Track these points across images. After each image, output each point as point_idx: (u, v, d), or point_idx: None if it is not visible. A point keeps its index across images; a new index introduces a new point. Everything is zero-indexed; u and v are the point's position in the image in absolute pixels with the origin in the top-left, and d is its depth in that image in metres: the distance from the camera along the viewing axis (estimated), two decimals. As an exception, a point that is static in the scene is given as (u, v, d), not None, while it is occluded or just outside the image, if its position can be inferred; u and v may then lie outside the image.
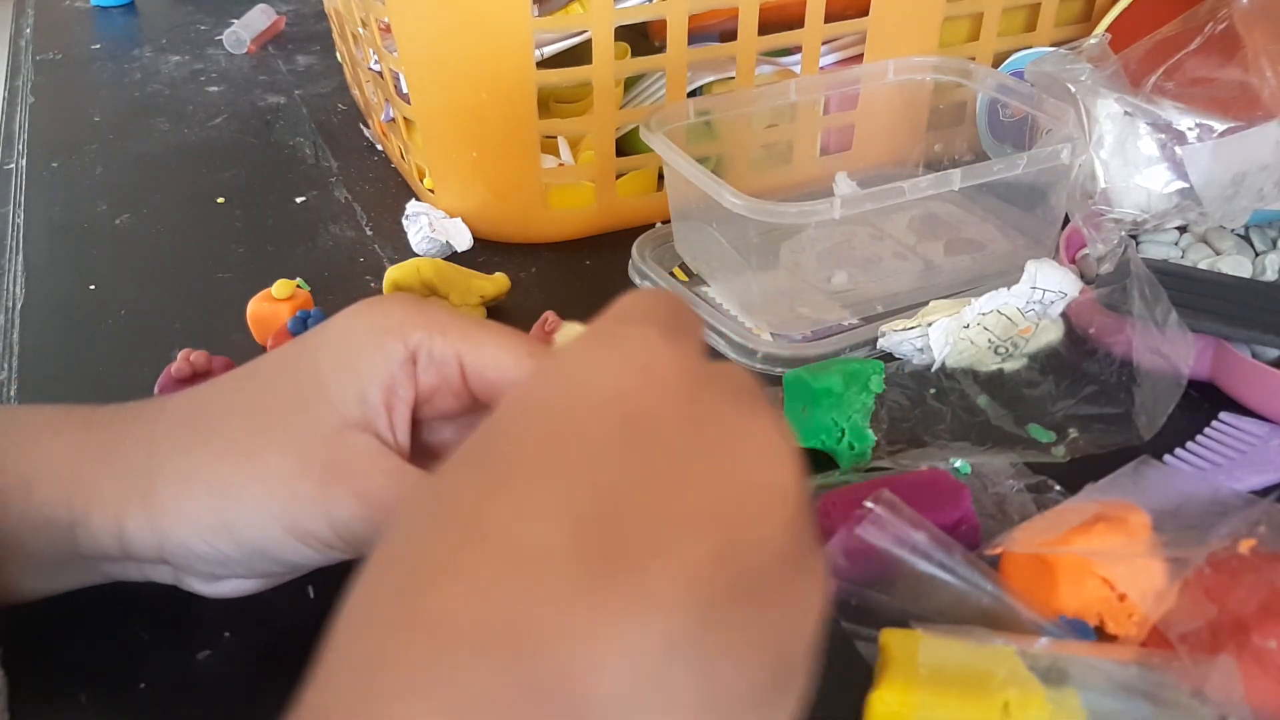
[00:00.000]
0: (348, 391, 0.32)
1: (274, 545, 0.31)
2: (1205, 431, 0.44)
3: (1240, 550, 0.35)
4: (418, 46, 0.55)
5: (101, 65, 0.88)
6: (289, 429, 0.31)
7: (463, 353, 0.32)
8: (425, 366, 0.32)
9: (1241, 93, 0.50)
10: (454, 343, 0.32)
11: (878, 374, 0.44)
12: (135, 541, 0.33)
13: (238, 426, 0.32)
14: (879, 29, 0.60)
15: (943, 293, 0.51)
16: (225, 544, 0.32)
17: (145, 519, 0.32)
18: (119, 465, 0.33)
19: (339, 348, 0.32)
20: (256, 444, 0.31)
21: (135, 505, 0.32)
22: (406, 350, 0.32)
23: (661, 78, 0.59)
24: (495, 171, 0.58)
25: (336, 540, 0.31)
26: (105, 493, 0.33)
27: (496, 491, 0.21)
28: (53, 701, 0.34)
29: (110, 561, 0.34)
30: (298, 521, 0.31)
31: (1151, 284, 0.44)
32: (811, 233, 0.56)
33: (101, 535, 0.33)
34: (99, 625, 0.36)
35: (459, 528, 0.21)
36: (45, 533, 0.33)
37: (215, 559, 0.32)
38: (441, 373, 0.32)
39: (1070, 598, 0.35)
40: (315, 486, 0.31)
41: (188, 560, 0.33)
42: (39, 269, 0.59)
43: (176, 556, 0.33)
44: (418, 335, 0.32)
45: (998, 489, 0.41)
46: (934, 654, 0.32)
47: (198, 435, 0.32)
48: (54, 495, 0.33)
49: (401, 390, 0.32)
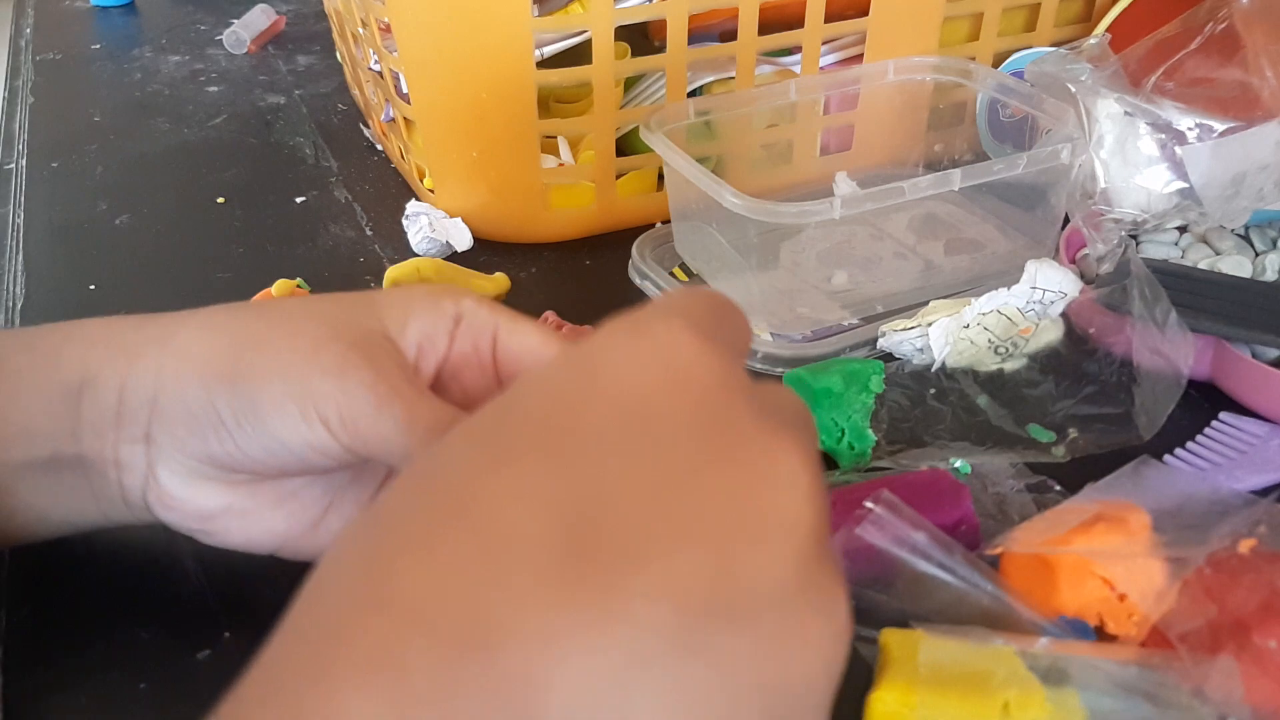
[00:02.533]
0: (394, 317, 0.33)
1: (271, 405, 0.31)
2: (1205, 431, 0.44)
3: (1240, 550, 0.35)
4: (418, 46, 0.55)
5: (101, 65, 0.88)
6: (330, 313, 0.33)
7: (500, 325, 0.34)
8: (464, 332, 0.34)
9: (1242, 93, 0.50)
10: (496, 315, 0.34)
11: (878, 374, 0.44)
12: (133, 391, 0.32)
13: (282, 306, 0.34)
14: (879, 29, 0.60)
15: (943, 293, 0.51)
16: (222, 393, 0.31)
17: (154, 362, 0.32)
18: (148, 323, 0.34)
19: (403, 296, 0.34)
20: (295, 315, 0.33)
21: (151, 349, 0.33)
22: (455, 310, 0.34)
23: (661, 78, 0.59)
24: (495, 171, 0.58)
25: (335, 415, 0.31)
26: (125, 341, 0.33)
27: (488, 469, 0.20)
28: (52, 701, 0.34)
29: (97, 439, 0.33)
30: (307, 378, 0.31)
31: (1151, 284, 0.44)
32: (811, 233, 0.56)
33: (106, 387, 0.32)
34: (99, 625, 0.36)
35: (443, 502, 0.20)
36: (54, 405, 0.33)
37: (204, 414, 0.31)
38: (476, 342, 0.34)
39: (1070, 598, 0.35)
40: (337, 349, 0.31)
41: (173, 418, 0.32)
42: (39, 269, 0.59)
43: (164, 410, 0.32)
44: (468, 303, 0.34)
45: (998, 489, 0.41)
46: (934, 654, 0.32)
47: (238, 308, 0.34)
48: (75, 356, 0.33)
49: (439, 341, 0.33)
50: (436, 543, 0.19)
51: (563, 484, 0.20)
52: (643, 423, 0.21)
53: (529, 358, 0.34)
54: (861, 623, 0.36)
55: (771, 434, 0.21)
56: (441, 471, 0.21)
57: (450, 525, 0.19)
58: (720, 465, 0.20)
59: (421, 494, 0.21)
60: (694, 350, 0.22)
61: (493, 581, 0.19)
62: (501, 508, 0.19)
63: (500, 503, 0.20)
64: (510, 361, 0.34)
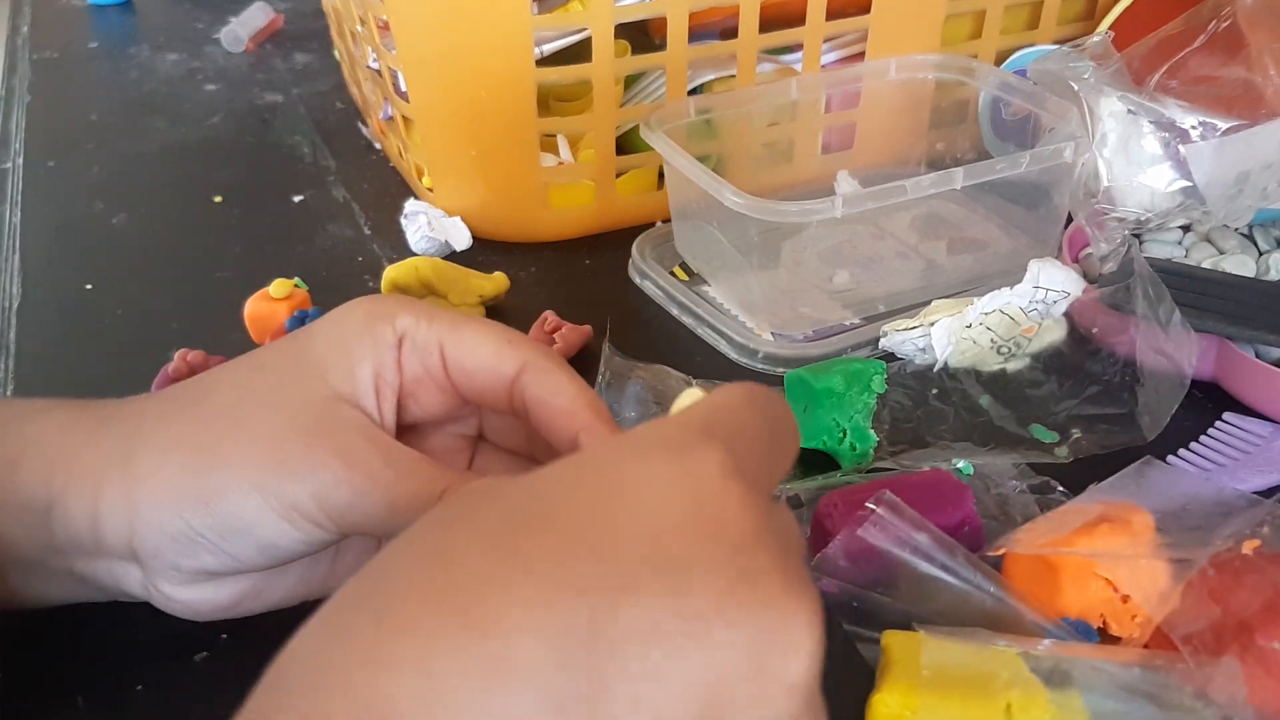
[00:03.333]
0: (339, 368, 0.32)
1: (251, 518, 0.30)
2: (1209, 432, 0.44)
3: (1244, 551, 0.34)
4: (416, 44, 0.55)
5: (98, 64, 0.88)
6: (278, 394, 0.32)
7: (444, 340, 0.33)
8: (409, 353, 0.33)
9: (1245, 91, 0.50)
10: (437, 330, 0.33)
11: (879, 374, 0.44)
12: (107, 521, 0.32)
13: (227, 395, 0.32)
14: (881, 26, 0.60)
15: (945, 292, 0.51)
16: (199, 517, 0.31)
17: (121, 490, 0.31)
18: (104, 439, 0.33)
19: (333, 331, 0.33)
20: (245, 408, 0.32)
21: (114, 474, 0.32)
22: (395, 334, 0.33)
23: (662, 76, 0.59)
24: (494, 170, 0.58)
25: (318, 511, 0.30)
26: (85, 464, 0.32)
27: (500, 576, 0.20)
28: (50, 704, 0.34)
29: (83, 557, 0.33)
30: (280, 487, 0.30)
31: (1155, 283, 0.44)
32: (813, 232, 0.56)
33: (77, 515, 0.32)
34: (96, 628, 0.36)
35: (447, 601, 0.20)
36: (23, 518, 0.32)
37: (186, 539, 0.31)
38: (424, 361, 0.33)
39: (1073, 599, 0.35)
40: (300, 446, 0.30)
41: (157, 545, 0.31)
42: (35, 268, 0.59)
43: (146, 540, 0.31)
44: (405, 320, 0.33)
45: (1000, 490, 0.41)
46: (936, 656, 0.32)
47: (186, 406, 0.33)
48: (36, 474, 0.32)
49: (389, 375, 0.32)
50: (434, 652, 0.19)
51: (571, 610, 0.20)
52: (667, 563, 0.21)
53: (480, 367, 0.33)
54: (863, 625, 0.35)
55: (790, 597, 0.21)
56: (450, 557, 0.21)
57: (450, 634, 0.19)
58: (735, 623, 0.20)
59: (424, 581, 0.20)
60: (730, 493, 0.22)
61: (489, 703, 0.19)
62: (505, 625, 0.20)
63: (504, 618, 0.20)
64: (464, 377, 0.33)
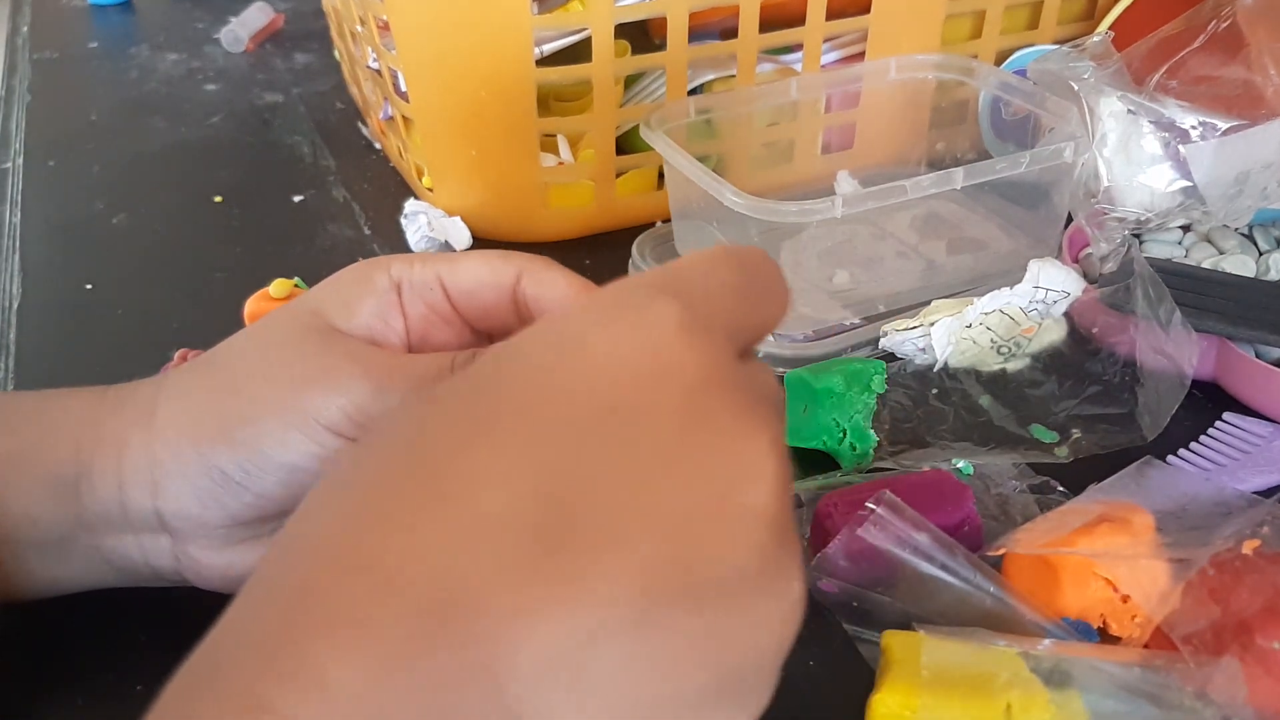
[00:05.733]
0: (340, 313, 0.33)
1: (270, 437, 0.31)
2: (1209, 432, 0.44)
3: (1244, 551, 0.34)
4: (416, 44, 0.55)
5: (98, 64, 0.88)
6: (287, 337, 0.33)
7: (442, 273, 0.34)
8: (410, 295, 0.34)
9: (1245, 91, 0.50)
10: (432, 266, 0.34)
11: (879, 374, 0.44)
12: (131, 481, 0.32)
13: (240, 346, 0.34)
14: (881, 27, 0.60)
15: (945, 292, 0.51)
16: (217, 448, 0.31)
17: (143, 445, 0.32)
18: (126, 407, 0.33)
19: (330, 285, 0.34)
20: (257, 353, 0.33)
21: (136, 433, 0.32)
22: (390, 280, 0.33)
23: (662, 76, 0.59)
24: (494, 170, 0.58)
25: (337, 415, 0.31)
26: (110, 431, 0.33)
27: (467, 446, 0.21)
28: (49, 704, 0.34)
29: (112, 532, 0.33)
30: (295, 397, 0.31)
31: (1155, 283, 0.44)
32: (813, 232, 0.56)
33: (103, 482, 0.32)
34: (96, 628, 0.36)
35: (422, 476, 0.21)
36: (52, 496, 0.32)
37: (207, 480, 0.31)
38: (427, 299, 0.34)
39: (1073, 599, 0.35)
40: (313, 361, 0.31)
41: (179, 495, 0.32)
42: (35, 268, 0.59)
43: (168, 492, 0.32)
44: (399, 266, 0.34)
45: (1000, 489, 0.41)
46: (936, 656, 0.32)
47: (203, 365, 0.34)
48: (63, 449, 0.33)
49: (392, 319, 0.33)
50: (415, 517, 0.20)
51: (539, 468, 0.20)
52: (623, 413, 0.21)
53: (483, 288, 0.33)
54: (863, 624, 0.35)
55: (746, 429, 0.22)
56: (420, 441, 0.21)
57: (429, 503, 0.20)
58: (692, 459, 0.21)
59: (397, 465, 0.21)
60: (684, 341, 0.22)
61: (468, 557, 0.19)
62: (479, 488, 0.20)
63: (478, 482, 0.20)
64: (469, 303, 0.34)
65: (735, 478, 0.21)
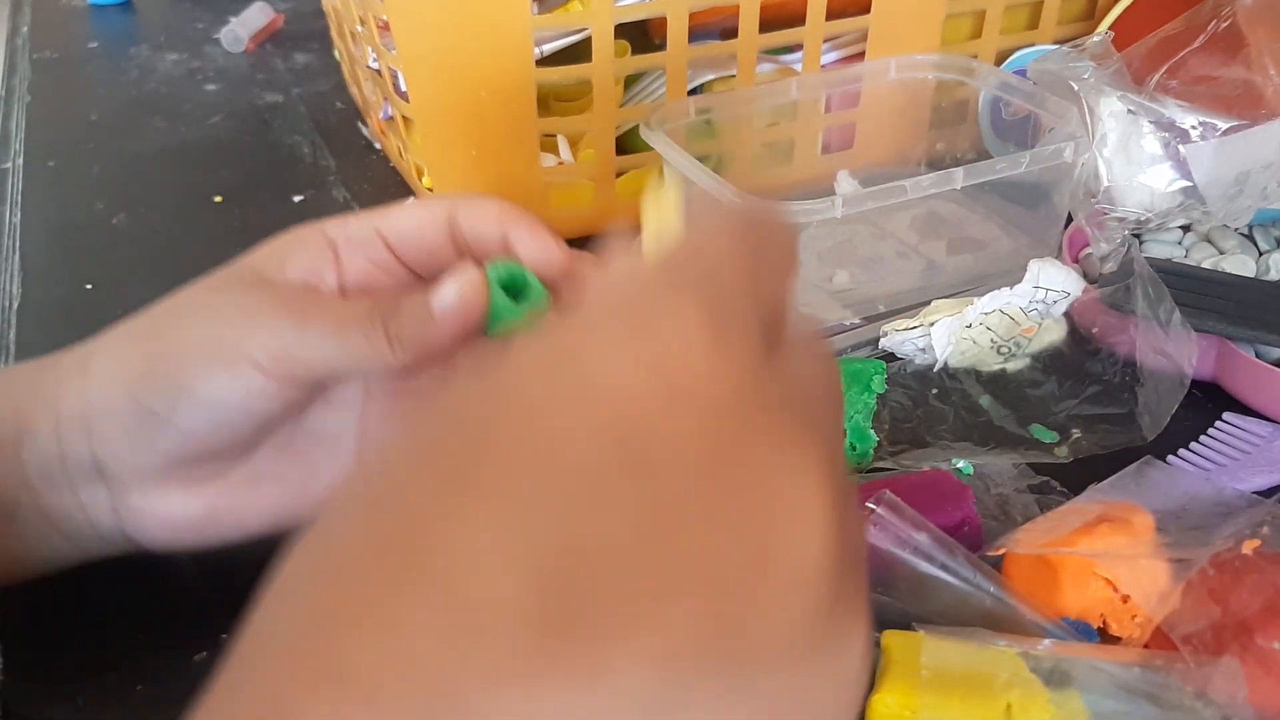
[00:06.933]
0: (270, 264, 0.34)
1: (196, 373, 0.31)
2: (1209, 432, 0.44)
3: (1244, 551, 0.34)
4: (416, 44, 0.55)
5: (98, 64, 0.88)
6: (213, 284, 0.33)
7: (378, 225, 0.34)
8: (348, 251, 0.34)
9: (1245, 91, 0.50)
10: (368, 219, 0.34)
11: (879, 374, 0.44)
12: (67, 429, 0.32)
13: (174, 301, 0.34)
14: (881, 26, 0.60)
15: (945, 292, 0.51)
16: (145, 386, 0.32)
17: (77, 393, 0.32)
18: (64, 363, 0.34)
19: (266, 248, 0.34)
20: (189, 303, 0.34)
21: (72, 383, 0.33)
22: (325, 238, 0.34)
23: (662, 76, 0.59)
24: (494, 170, 0.57)
25: (268, 361, 0.31)
26: (48, 385, 0.33)
27: (451, 513, 0.17)
28: (49, 704, 0.34)
29: (54, 489, 0.33)
30: (219, 334, 0.31)
31: (1155, 283, 0.44)
32: (813, 232, 0.56)
33: (42, 434, 0.33)
34: (95, 627, 0.36)
35: (402, 550, 0.17)
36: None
37: (136, 420, 0.32)
38: (368, 253, 0.34)
39: (1073, 599, 0.35)
40: (239, 304, 0.32)
41: (110, 438, 0.32)
42: (35, 268, 0.59)
43: (101, 435, 0.32)
44: (334, 225, 0.34)
45: (1000, 490, 0.41)
46: (936, 656, 0.32)
47: (138, 316, 0.34)
48: (6, 412, 0.33)
49: (325, 274, 0.34)
50: (394, 607, 0.16)
51: (538, 533, 0.17)
52: (635, 454, 0.17)
53: (422, 231, 0.34)
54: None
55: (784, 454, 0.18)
56: (399, 505, 0.18)
57: (409, 586, 0.17)
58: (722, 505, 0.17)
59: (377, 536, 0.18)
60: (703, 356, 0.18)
61: (459, 655, 0.16)
62: (467, 565, 0.17)
63: (466, 558, 0.17)
64: (408, 247, 0.34)
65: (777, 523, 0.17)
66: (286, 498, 0.35)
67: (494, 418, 0.18)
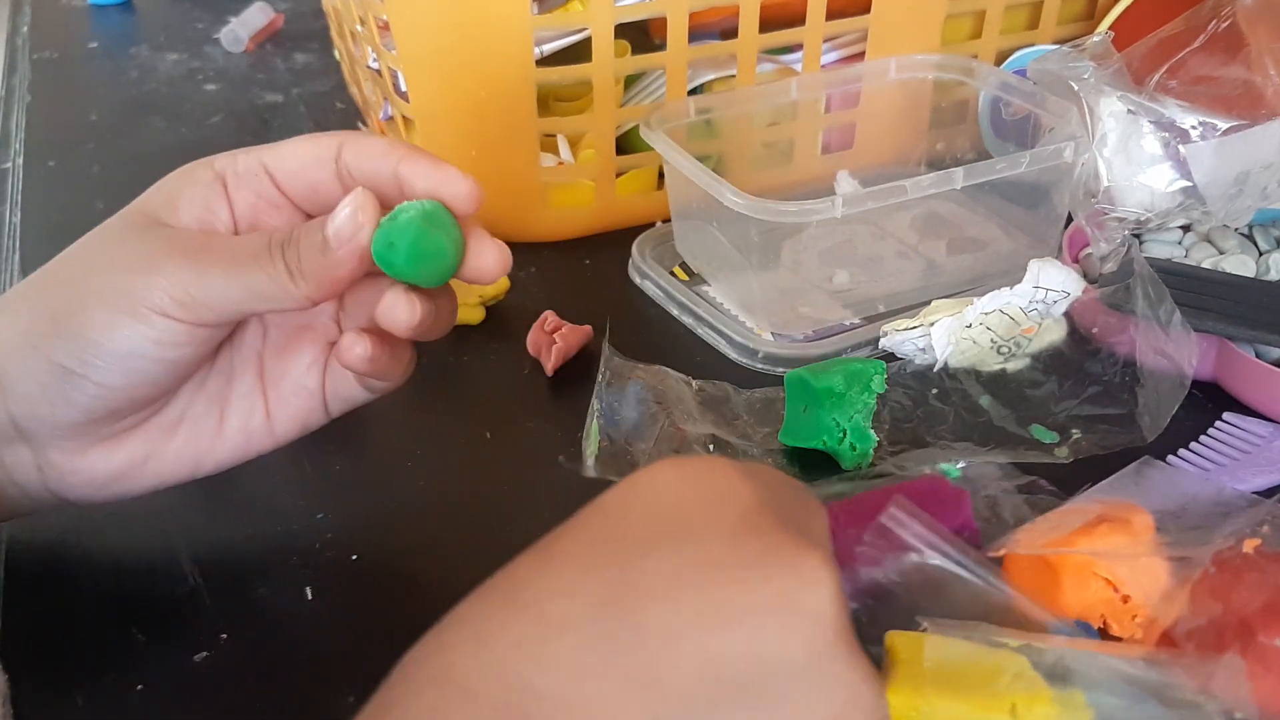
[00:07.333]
0: (164, 207, 0.34)
1: (100, 322, 0.31)
2: (1209, 432, 0.44)
3: (1245, 550, 0.34)
4: (416, 44, 0.55)
5: (98, 64, 0.88)
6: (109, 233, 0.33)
7: (265, 159, 0.35)
8: (236, 185, 0.34)
9: (1245, 91, 0.50)
10: (255, 154, 0.35)
11: (879, 374, 0.44)
12: None
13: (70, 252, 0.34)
14: (881, 26, 0.60)
15: (945, 292, 0.51)
16: (52, 342, 0.32)
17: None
18: None
19: (156, 189, 0.35)
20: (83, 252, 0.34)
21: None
22: (213, 173, 0.34)
23: (662, 76, 0.59)
24: (494, 170, 0.57)
25: (174, 307, 0.31)
26: None
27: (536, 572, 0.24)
28: (50, 703, 0.34)
29: None
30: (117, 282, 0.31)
31: (1155, 283, 0.44)
32: (813, 232, 0.56)
33: None
34: (96, 627, 0.36)
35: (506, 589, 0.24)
36: None
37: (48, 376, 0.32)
38: (254, 187, 0.34)
39: (1074, 599, 0.35)
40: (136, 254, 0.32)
41: (28, 398, 0.32)
42: (35, 268, 0.58)
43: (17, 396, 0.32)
44: (222, 160, 0.35)
45: (988, 491, 0.41)
46: (940, 656, 0.32)
47: (38, 272, 0.34)
48: None
49: (218, 210, 0.34)
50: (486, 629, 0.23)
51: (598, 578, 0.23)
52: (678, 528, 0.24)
53: (306, 167, 0.34)
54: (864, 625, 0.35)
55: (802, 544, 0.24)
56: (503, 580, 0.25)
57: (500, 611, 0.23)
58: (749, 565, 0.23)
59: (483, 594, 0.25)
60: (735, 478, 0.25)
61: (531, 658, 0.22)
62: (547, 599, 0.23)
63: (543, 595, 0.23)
64: (294, 183, 0.35)
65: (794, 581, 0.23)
66: (204, 440, 0.35)
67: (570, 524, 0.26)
